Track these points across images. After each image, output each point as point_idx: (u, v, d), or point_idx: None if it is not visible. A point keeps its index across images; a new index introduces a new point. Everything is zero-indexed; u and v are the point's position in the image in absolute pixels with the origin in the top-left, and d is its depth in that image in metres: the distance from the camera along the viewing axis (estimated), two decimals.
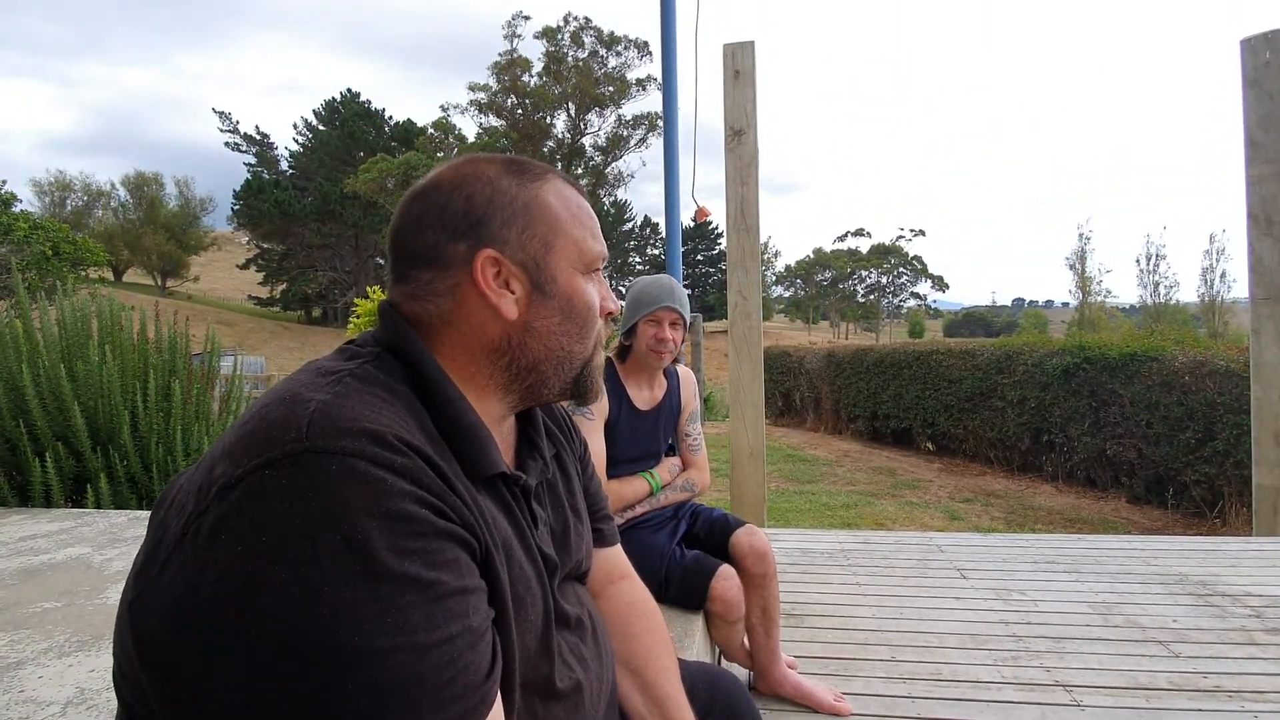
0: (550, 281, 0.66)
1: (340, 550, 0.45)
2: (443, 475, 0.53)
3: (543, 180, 0.68)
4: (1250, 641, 2.14)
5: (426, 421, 0.58)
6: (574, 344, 0.68)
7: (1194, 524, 5.23)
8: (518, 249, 0.64)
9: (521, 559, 0.62)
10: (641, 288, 1.81)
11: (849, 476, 7.31)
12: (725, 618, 1.67)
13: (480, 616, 0.51)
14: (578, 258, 0.68)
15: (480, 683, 0.49)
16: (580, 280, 0.68)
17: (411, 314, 0.65)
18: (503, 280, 0.64)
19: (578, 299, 0.67)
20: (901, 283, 63.25)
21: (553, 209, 0.67)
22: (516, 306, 0.64)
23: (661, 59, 3.44)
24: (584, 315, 0.68)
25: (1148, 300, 28.93)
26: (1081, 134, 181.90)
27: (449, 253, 0.64)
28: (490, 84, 36.98)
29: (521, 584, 0.61)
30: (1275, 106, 3.62)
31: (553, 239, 0.66)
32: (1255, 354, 3.63)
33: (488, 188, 0.65)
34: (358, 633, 0.44)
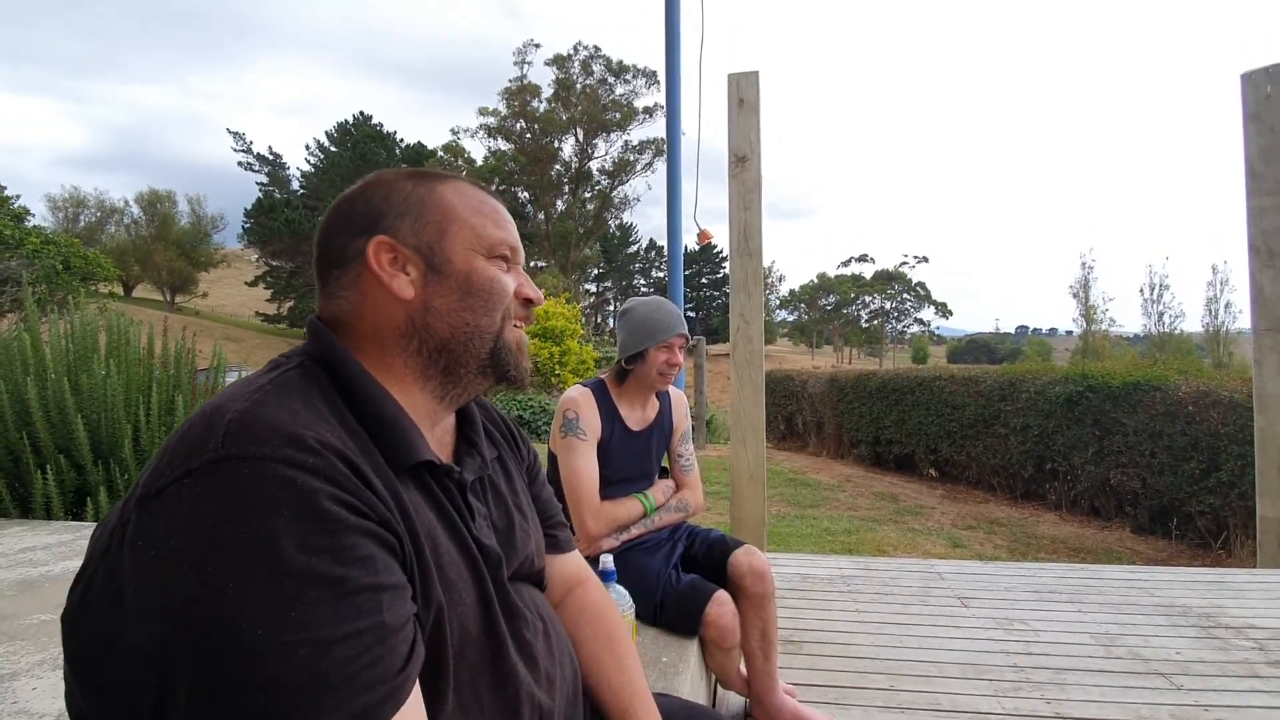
0: (445, 262, 0.69)
1: (247, 549, 0.47)
2: (359, 473, 0.55)
3: (442, 180, 0.73)
4: (1253, 674, 2.11)
5: (348, 418, 0.60)
6: (479, 319, 0.70)
7: (1198, 555, 5.17)
8: (411, 235, 0.68)
9: (450, 548, 0.63)
10: (647, 313, 1.82)
11: (851, 502, 7.26)
12: (720, 645, 1.65)
13: (396, 612, 0.52)
14: (475, 241, 0.71)
15: (390, 677, 0.50)
16: (480, 261, 0.71)
17: (331, 317, 0.69)
18: (398, 265, 0.68)
19: (477, 276, 0.70)
20: (905, 308, 63.35)
21: (447, 200, 0.71)
22: (412, 287, 0.68)
23: (666, 84, 3.50)
24: (486, 291, 0.71)
25: (1152, 329, 28.86)
26: (1085, 164, 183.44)
27: (350, 248, 0.68)
28: (500, 108, 37.58)
29: (452, 571, 0.62)
30: (1276, 139, 3.66)
31: (447, 225, 0.70)
32: (1259, 385, 3.62)
33: (385, 189, 0.70)
34: (260, 628, 0.45)
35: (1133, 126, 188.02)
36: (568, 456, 1.75)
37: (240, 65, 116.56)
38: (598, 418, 1.78)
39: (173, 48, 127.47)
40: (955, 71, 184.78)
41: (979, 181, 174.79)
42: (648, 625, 1.69)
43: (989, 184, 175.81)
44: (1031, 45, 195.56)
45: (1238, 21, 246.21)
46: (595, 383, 1.86)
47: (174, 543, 0.48)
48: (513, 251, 0.75)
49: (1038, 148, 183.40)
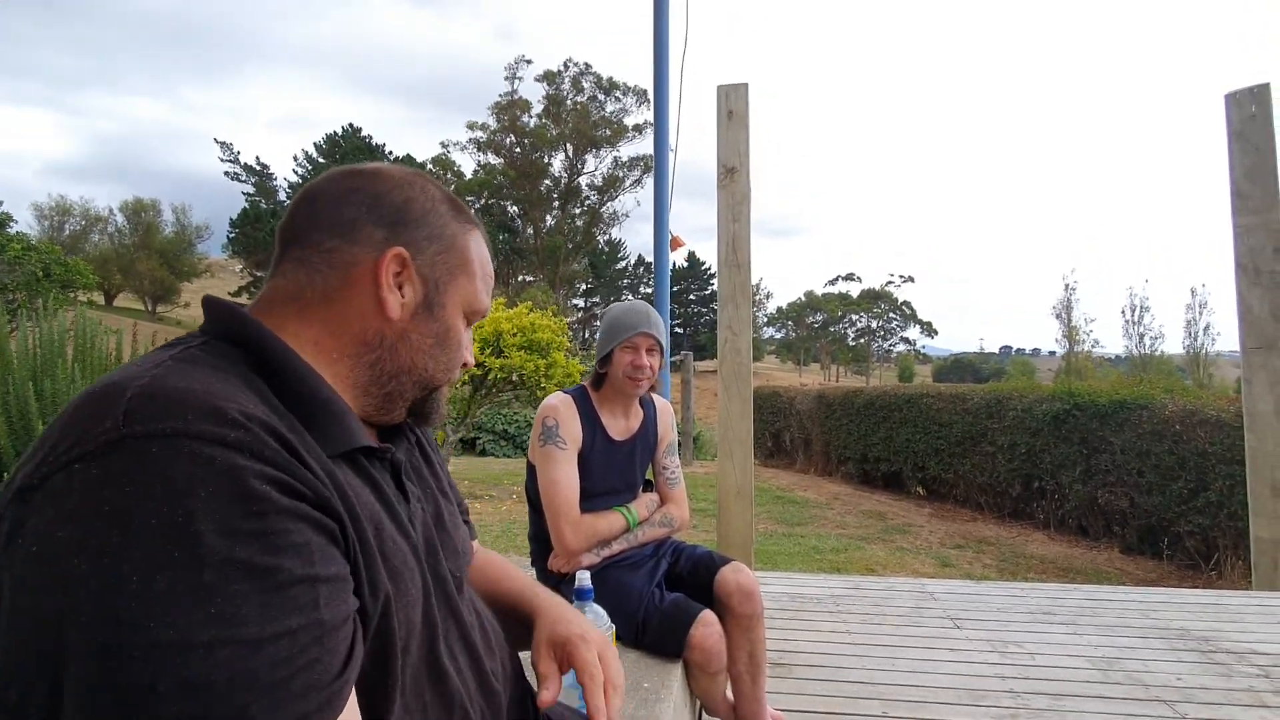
0: (440, 306, 0.68)
1: (156, 535, 0.41)
2: (291, 448, 0.49)
3: (472, 227, 0.72)
4: (1260, 704, 2.04)
5: (270, 398, 0.54)
6: (436, 369, 0.69)
7: (1189, 576, 5.13)
8: (428, 264, 0.66)
9: (393, 533, 0.58)
10: (616, 314, 1.74)
11: (839, 520, 7.18)
12: (705, 668, 1.55)
13: (335, 608, 0.46)
14: (469, 303, 0.71)
15: (327, 682, 0.44)
16: (461, 320, 0.71)
17: (285, 288, 0.63)
18: (399, 281, 0.64)
19: (453, 335, 0.70)
20: (891, 327, 63.89)
21: (469, 253, 0.71)
22: (402, 310, 0.65)
23: (654, 98, 3.46)
24: (453, 351, 0.70)
25: (1133, 351, 29.24)
26: (1067, 185, 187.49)
27: (365, 232, 0.64)
28: (490, 123, 37.70)
29: (397, 558, 0.57)
30: (1261, 159, 3.67)
31: (459, 274, 0.69)
32: (1249, 404, 3.59)
33: (428, 203, 0.68)
34: (171, 626, 0.39)
35: (1114, 148, 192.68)
36: (546, 466, 1.66)
37: (234, 79, 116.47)
38: (578, 426, 1.69)
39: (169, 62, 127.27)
40: (941, 92, 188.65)
41: (965, 201, 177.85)
42: (629, 647, 1.58)
43: (974, 203, 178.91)
44: (1017, 66, 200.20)
45: (1221, 43, 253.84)
46: (576, 389, 1.77)
47: (61, 535, 0.41)
48: (480, 318, 0.75)
49: (1021, 169, 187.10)
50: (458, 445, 11.79)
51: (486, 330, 7.29)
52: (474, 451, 14.08)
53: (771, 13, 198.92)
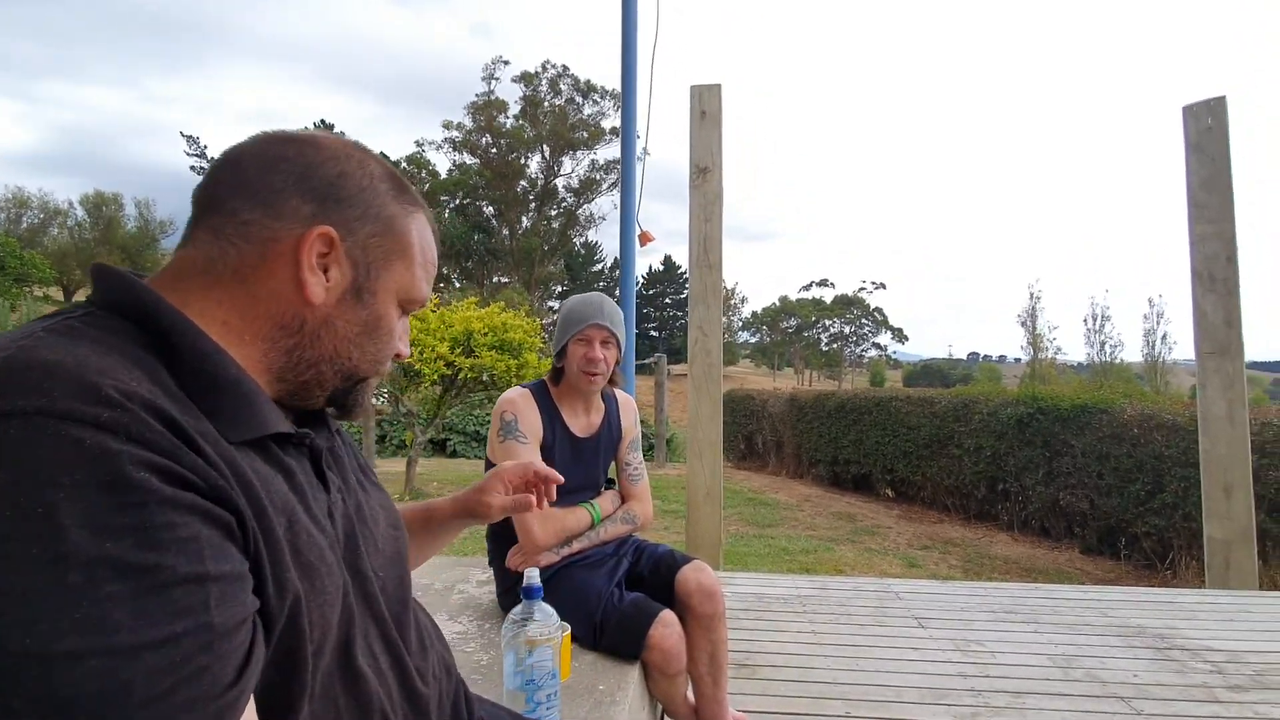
0: (370, 293, 0.63)
1: (12, 530, 0.36)
2: (180, 431, 0.44)
3: (415, 209, 0.67)
4: (1214, 699, 2.07)
5: (164, 377, 0.49)
6: (364, 361, 0.64)
7: (1145, 576, 5.25)
8: (359, 246, 0.61)
9: (308, 526, 0.54)
10: (571, 306, 1.70)
11: (809, 521, 7.21)
12: (664, 670, 1.52)
13: (228, 610, 0.42)
14: (405, 291, 0.66)
15: (217, 693, 0.40)
16: (394, 310, 0.66)
17: (194, 260, 0.57)
18: (325, 263, 0.59)
19: (384, 325, 0.65)
20: (864, 333, 64.78)
21: (409, 237, 0.65)
22: (325, 294, 0.59)
23: (623, 93, 3.43)
24: (383, 341, 0.66)
25: (1094, 358, 30.08)
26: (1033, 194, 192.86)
27: (290, 206, 0.58)
28: (465, 123, 37.37)
29: (313, 553, 0.53)
30: (1216, 169, 3.77)
31: (394, 260, 0.64)
32: (1203, 407, 3.68)
33: (365, 179, 0.62)
34: (29, 634, 0.35)
35: (1078, 158, 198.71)
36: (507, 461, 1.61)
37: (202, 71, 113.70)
38: (538, 419, 1.64)
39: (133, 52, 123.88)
40: (912, 103, 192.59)
41: (935, 209, 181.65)
42: (586, 649, 1.54)
43: (945, 211, 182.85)
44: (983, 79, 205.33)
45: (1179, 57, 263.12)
46: (535, 384, 1.73)
47: None
48: (418, 309, 0.71)
49: (989, 177, 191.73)
50: (428, 446, 11.61)
51: (457, 330, 7.18)
52: (444, 453, 13.88)
53: (750, 18, 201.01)
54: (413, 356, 6.92)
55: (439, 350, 6.93)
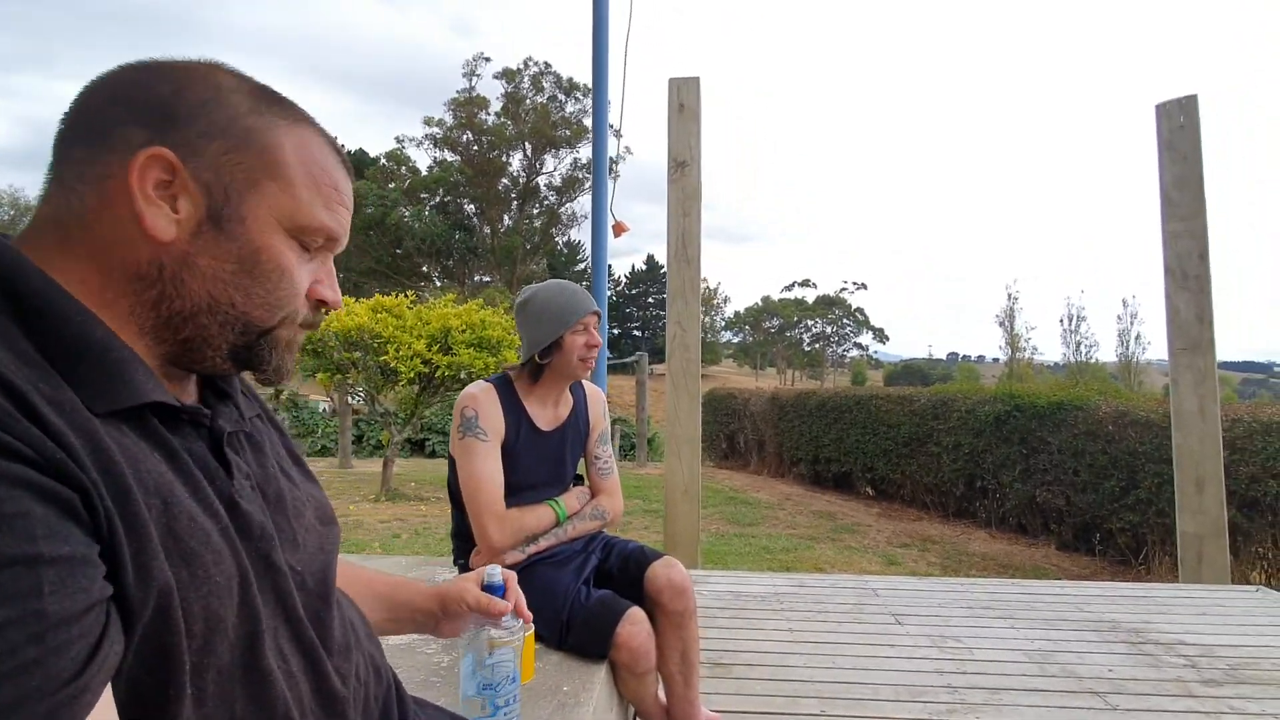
0: (235, 220, 0.53)
1: None
2: (19, 398, 0.40)
3: (289, 122, 0.56)
4: (1187, 694, 2.06)
5: (21, 343, 0.44)
6: (252, 305, 0.55)
7: (1120, 571, 5.30)
8: (208, 168, 0.52)
9: (192, 510, 0.48)
10: (551, 298, 1.63)
11: (790, 520, 7.21)
12: (632, 669, 1.46)
13: (66, 596, 0.37)
14: (290, 217, 0.55)
15: (53, 689, 0.36)
16: (280, 241, 0.55)
17: (48, 214, 0.51)
18: (167, 193, 0.51)
19: (267, 257, 0.55)
20: (845, 333, 65.31)
21: (282, 152, 0.55)
22: (174, 228, 0.51)
23: (594, 85, 3.38)
24: (270, 278, 0.55)
25: (1070, 358, 30.57)
26: (1010, 195, 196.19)
27: (120, 135, 0.50)
28: (446, 119, 37.03)
29: (195, 539, 0.47)
30: (1188, 167, 3.81)
31: (262, 181, 0.54)
32: (1176, 403, 3.71)
33: (209, 92, 0.53)
34: None
35: (1054, 158, 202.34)
36: (466, 459, 1.55)
37: None
38: (500, 416, 1.58)
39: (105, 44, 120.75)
40: (891, 106, 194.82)
41: (915, 210, 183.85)
42: (551, 649, 1.48)
43: (925, 212, 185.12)
44: (964, 81, 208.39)
45: (1151, 57, 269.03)
46: (498, 378, 1.66)
47: None
48: (329, 241, 0.59)
49: (969, 180, 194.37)
50: (405, 446, 11.45)
51: (434, 327, 7.07)
52: (423, 453, 13.72)
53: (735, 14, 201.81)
54: (389, 354, 6.79)
55: (416, 348, 6.81)
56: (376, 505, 6.94)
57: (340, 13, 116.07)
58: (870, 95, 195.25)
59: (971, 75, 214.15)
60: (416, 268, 36.50)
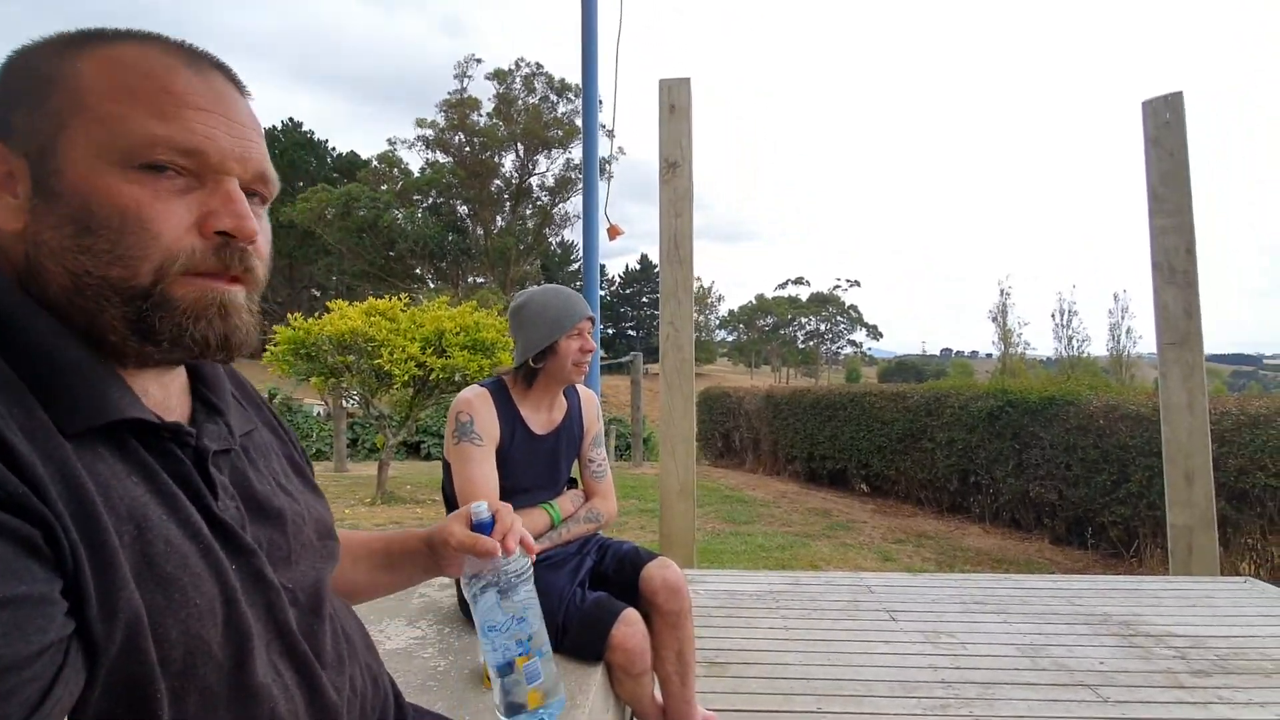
0: (56, 174, 0.46)
1: None
2: None
3: (99, 45, 0.49)
4: (1177, 685, 2.09)
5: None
6: (105, 268, 0.47)
7: (1112, 564, 5.35)
8: (25, 135, 0.47)
9: (168, 533, 0.46)
10: (546, 303, 1.64)
11: (785, 517, 7.23)
12: (628, 670, 1.47)
13: (19, 638, 0.35)
14: (108, 144, 0.46)
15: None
16: (112, 179, 0.46)
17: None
18: (6, 179, 0.47)
19: (101, 202, 0.46)
20: (839, 330, 65.49)
21: (82, 77, 0.47)
22: (21, 215, 0.47)
23: (583, 84, 3.39)
24: (115, 227, 0.46)
25: (1062, 353, 30.74)
26: (1003, 191, 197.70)
27: None
28: (438, 121, 36.92)
29: (172, 562, 0.45)
30: (1175, 163, 3.84)
31: (68, 119, 0.46)
32: (1164, 397, 3.75)
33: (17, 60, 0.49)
34: None
35: (1044, 154, 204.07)
36: (462, 464, 1.55)
37: None
38: (495, 420, 1.59)
39: None
40: (884, 103, 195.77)
41: (909, 207, 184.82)
42: None
43: (919, 210, 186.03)
44: (958, 79, 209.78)
45: (1138, 54, 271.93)
46: (493, 382, 1.67)
47: None
48: (191, 156, 0.48)
49: (962, 177, 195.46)
50: (401, 449, 11.43)
51: (428, 330, 7.06)
52: (419, 455, 13.69)
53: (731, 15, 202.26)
54: (383, 358, 6.77)
55: (410, 351, 6.80)
56: (372, 509, 6.94)
57: (327, 14, 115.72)
58: (862, 93, 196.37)
59: (963, 73, 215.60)
60: (410, 270, 36.40)
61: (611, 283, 61.74)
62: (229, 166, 0.50)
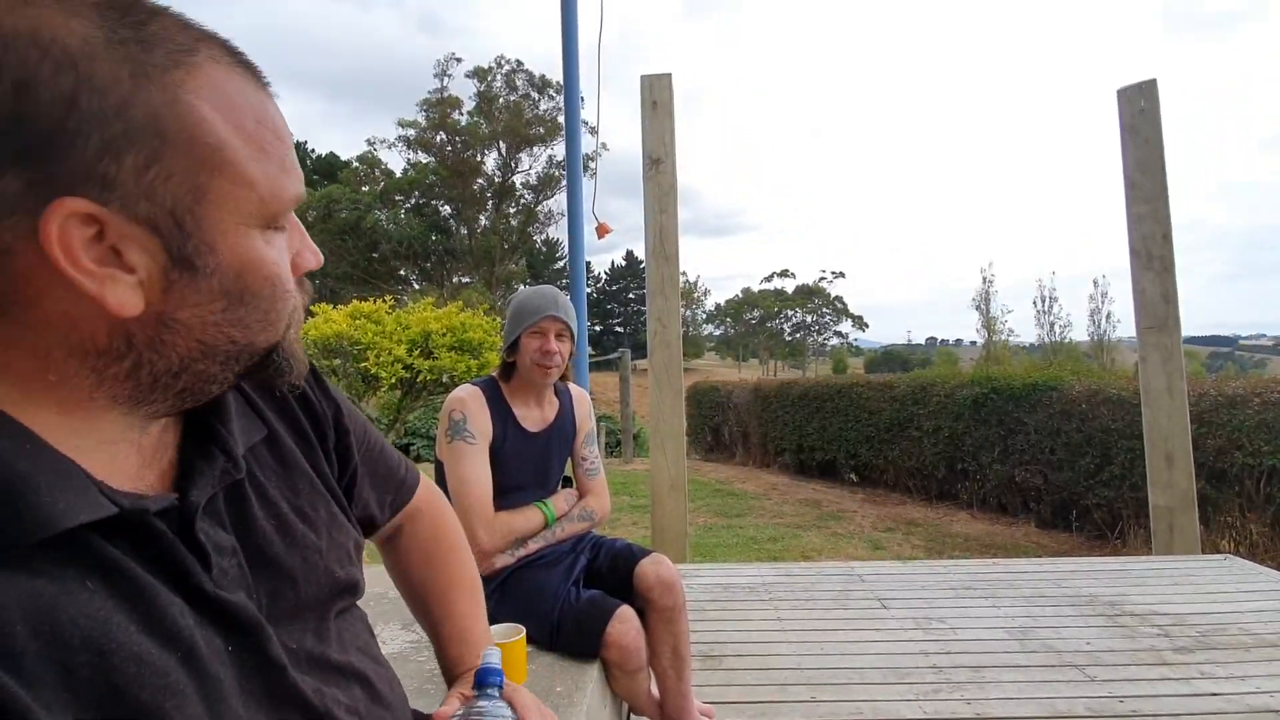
0: (205, 251, 0.40)
1: None
2: None
3: (186, 65, 0.38)
4: (1161, 662, 2.14)
5: None
6: (254, 334, 0.44)
7: (1097, 546, 5.44)
8: (140, 196, 0.37)
9: (138, 649, 0.38)
10: (523, 299, 1.66)
11: (776, 509, 7.28)
12: (623, 667, 1.49)
13: None
14: (255, 210, 0.42)
15: None
16: (259, 245, 0.43)
17: None
18: (103, 245, 0.37)
19: (255, 275, 0.43)
20: (825, 322, 65.83)
21: (208, 124, 0.39)
22: (139, 293, 0.39)
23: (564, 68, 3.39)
24: (268, 297, 0.44)
25: (1045, 339, 31.14)
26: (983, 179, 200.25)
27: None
28: (420, 120, 36.63)
29: (146, 687, 0.37)
30: (1151, 151, 3.90)
31: (208, 181, 0.39)
32: (1144, 380, 3.82)
33: (65, 73, 0.35)
34: None
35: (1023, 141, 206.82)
36: (455, 463, 1.55)
37: None
38: (488, 418, 1.59)
39: None
40: (865, 91, 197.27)
41: (890, 196, 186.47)
42: (544, 650, 1.50)
43: (899, 198, 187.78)
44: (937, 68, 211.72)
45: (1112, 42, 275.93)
46: (486, 380, 1.68)
47: None
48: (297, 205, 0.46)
49: (939, 164, 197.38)
50: None
51: (414, 331, 7.02)
52: (408, 457, 13.61)
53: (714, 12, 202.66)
54: (369, 361, 6.74)
55: (396, 353, 6.77)
56: None
57: (300, 11, 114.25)
58: (842, 85, 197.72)
59: (944, 63, 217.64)
60: (394, 271, 36.12)
61: (597, 279, 61.71)
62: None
